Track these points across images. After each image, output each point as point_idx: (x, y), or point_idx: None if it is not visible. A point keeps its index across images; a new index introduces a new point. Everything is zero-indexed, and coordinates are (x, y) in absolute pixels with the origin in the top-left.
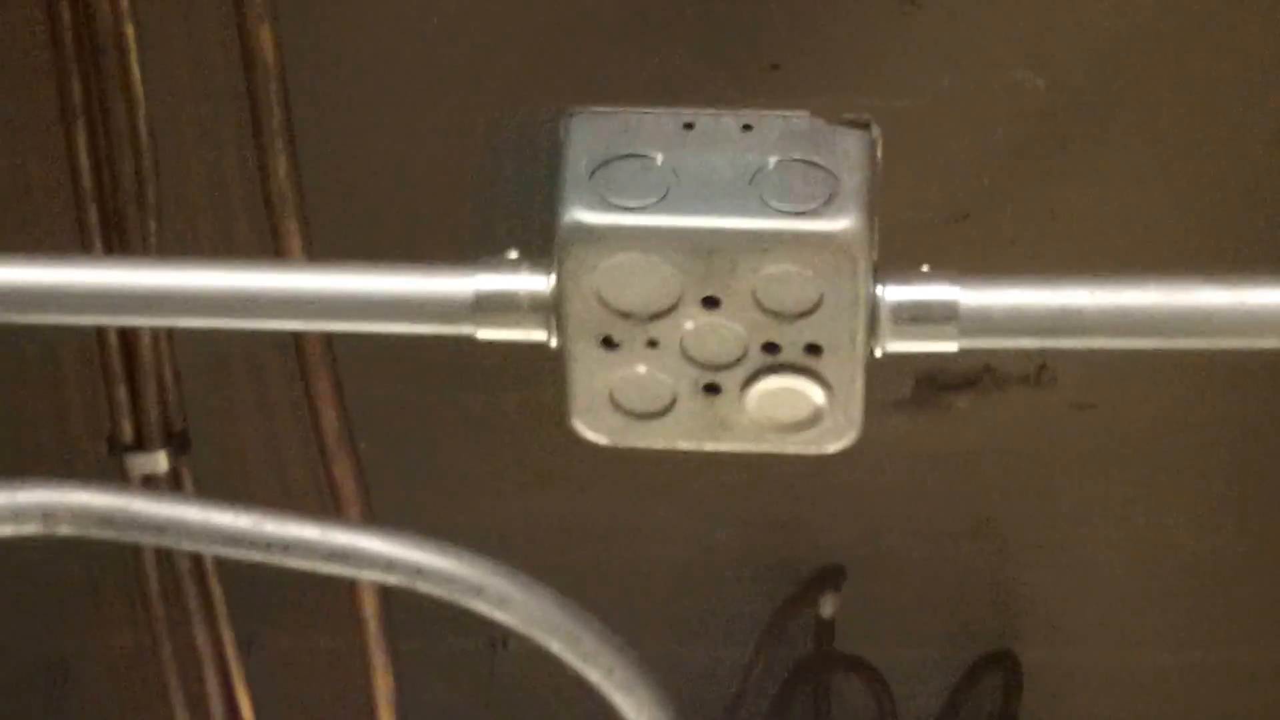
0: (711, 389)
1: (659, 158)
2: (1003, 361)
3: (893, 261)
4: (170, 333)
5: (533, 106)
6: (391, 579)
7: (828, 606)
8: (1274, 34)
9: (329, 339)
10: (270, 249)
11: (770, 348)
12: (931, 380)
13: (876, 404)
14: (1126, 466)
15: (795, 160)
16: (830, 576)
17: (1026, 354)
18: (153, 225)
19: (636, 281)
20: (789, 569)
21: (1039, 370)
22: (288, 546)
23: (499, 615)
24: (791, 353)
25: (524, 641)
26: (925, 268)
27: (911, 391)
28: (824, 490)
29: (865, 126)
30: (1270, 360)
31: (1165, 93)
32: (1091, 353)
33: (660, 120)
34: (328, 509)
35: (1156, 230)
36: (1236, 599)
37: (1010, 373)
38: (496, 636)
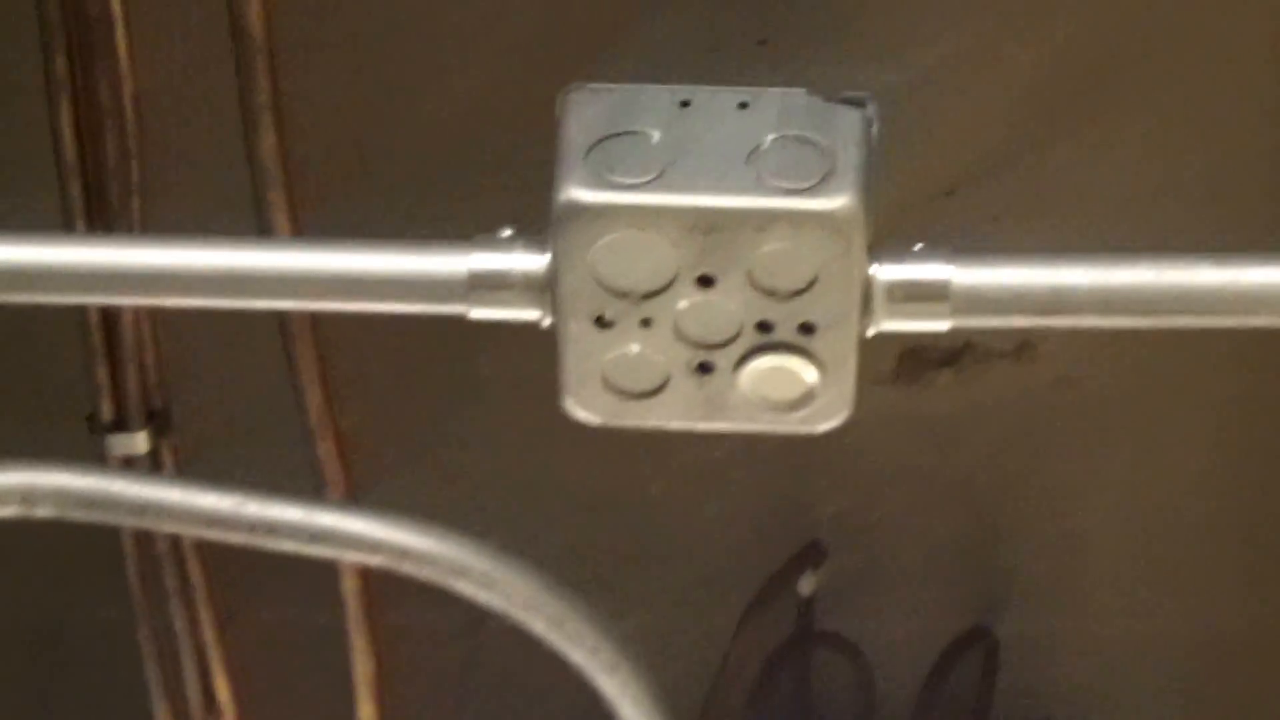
0: (704, 368)
1: (656, 135)
2: (985, 337)
3: (879, 237)
4: (152, 312)
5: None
6: (375, 560)
7: (807, 585)
8: (1269, 5)
9: (314, 316)
10: (256, 227)
11: (764, 326)
12: (914, 356)
13: (859, 380)
14: (1111, 441)
15: (792, 137)
16: (809, 555)
17: (1008, 330)
18: (136, 202)
19: (632, 259)
20: (777, 543)
21: (1020, 346)
22: (271, 529)
23: (483, 596)
24: (785, 331)
25: (506, 619)
26: (918, 246)
27: (894, 368)
28: (811, 466)
29: (862, 104)
30: (1256, 333)
31: (1156, 67)
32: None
33: (657, 97)
34: (311, 489)
35: (1146, 207)
36: (1222, 572)
37: (992, 348)
38: (477, 614)
